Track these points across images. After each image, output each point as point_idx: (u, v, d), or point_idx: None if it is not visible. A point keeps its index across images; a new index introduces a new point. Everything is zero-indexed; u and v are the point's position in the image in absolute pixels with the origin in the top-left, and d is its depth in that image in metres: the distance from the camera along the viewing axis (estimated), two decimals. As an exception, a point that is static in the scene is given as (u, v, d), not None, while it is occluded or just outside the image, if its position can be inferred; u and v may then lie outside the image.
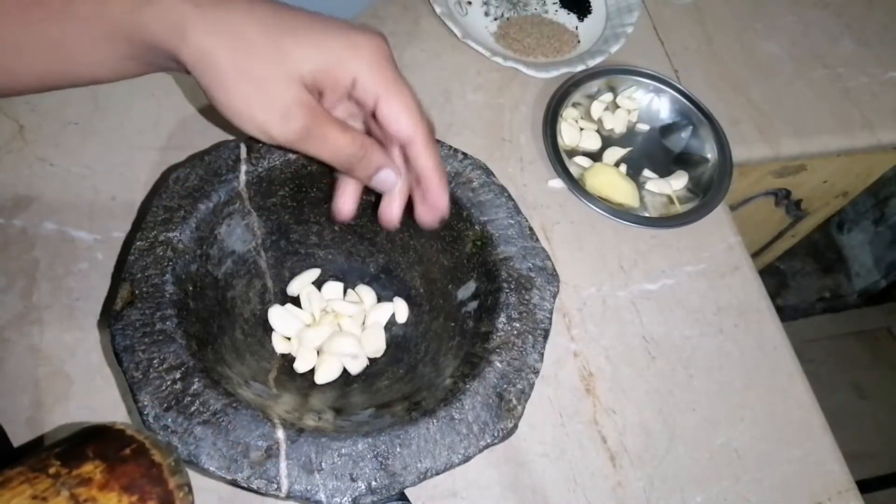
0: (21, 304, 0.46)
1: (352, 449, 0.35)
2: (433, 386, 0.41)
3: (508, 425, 0.37)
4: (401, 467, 0.35)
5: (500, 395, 0.38)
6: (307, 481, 0.34)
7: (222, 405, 0.35)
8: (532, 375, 0.39)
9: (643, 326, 0.54)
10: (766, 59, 0.73)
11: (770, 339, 0.56)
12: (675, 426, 0.51)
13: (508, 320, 0.41)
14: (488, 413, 0.37)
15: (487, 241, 0.43)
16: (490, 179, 0.45)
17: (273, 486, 0.33)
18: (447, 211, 0.39)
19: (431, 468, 0.35)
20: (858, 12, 0.79)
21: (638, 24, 0.68)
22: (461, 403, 0.37)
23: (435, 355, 0.44)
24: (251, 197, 0.43)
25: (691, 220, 0.59)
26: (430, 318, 0.47)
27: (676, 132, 0.65)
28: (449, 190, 0.39)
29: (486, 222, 0.44)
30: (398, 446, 0.35)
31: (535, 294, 0.42)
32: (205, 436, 0.34)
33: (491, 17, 0.69)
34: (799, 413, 0.53)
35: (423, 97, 0.62)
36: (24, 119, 0.54)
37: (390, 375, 0.45)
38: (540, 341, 0.40)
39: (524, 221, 0.44)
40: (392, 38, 0.66)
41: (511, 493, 0.46)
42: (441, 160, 0.38)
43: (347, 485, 0.34)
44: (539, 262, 0.43)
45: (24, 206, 0.50)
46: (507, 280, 0.42)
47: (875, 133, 0.70)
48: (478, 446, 0.36)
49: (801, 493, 0.50)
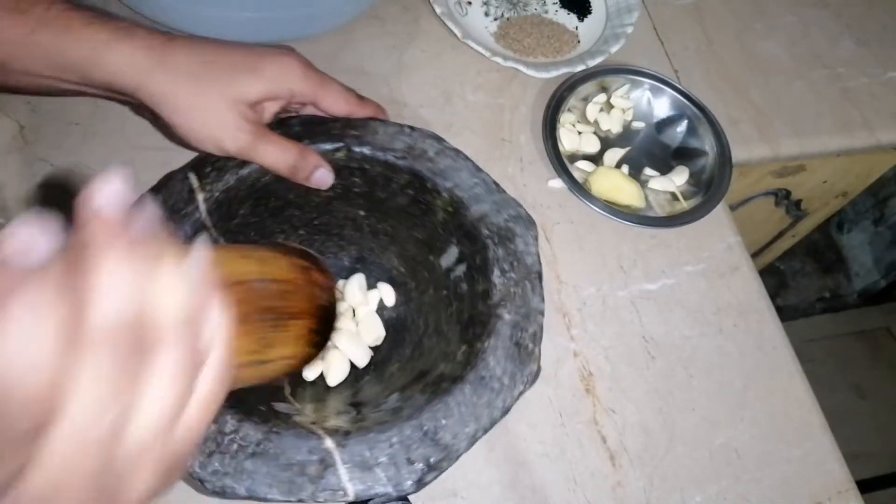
0: (21, 304, 0.46)
1: (401, 435, 0.35)
2: (448, 354, 0.42)
3: (533, 368, 0.39)
4: (451, 437, 0.36)
5: (517, 344, 0.39)
6: (369, 478, 0.34)
7: (263, 433, 0.35)
8: (540, 317, 0.40)
9: (643, 326, 0.54)
10: (765, 59, 0.73)
11: (770, 339, 0.56)
12: (675, 426, 0.51)
13: (503, 273, 0.42)
14: (513, 363, 0.39)
15: (458, 205, 0.44)
16: (443, 146, 0.46)
17: (339, 493, 0.34)
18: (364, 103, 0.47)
19: (479, 429, 0.36)
20: (858, 12, 0.79)
21: (638, 24, 0.68)
22: (486, 362, 0.38)
23: (437, 326, 0.45)
24: (215, 224, 0.43)
25: (691, 220, 0.59)
26: (420, 293, 0.48)
27: (672, 127, 0.65)
28: (375, 110, 0.46)
29: (452, 187, 0.44)
30: (442, 419, 0.36)
31: (518, 242, 0.43)
32: (256, 468, 0.33)
33: (491, 18, 0.69)
34: (798, 413, 0.53)
35: (423, 97, 0.62)
36: (24, 119, 0.54)
37: (398, 358, 0.46)
38: (537, 284, 0.41)
39: (487, 177, 0.45)
40: (392, 38, 0.67)
41: (511, 492, 0.46)
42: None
43: (408, 469, 0.35)
44: (513, 212, 0.44)
45: (24, 206, 0.50)
46: (488, 236, 0.43)
47: (875, 133, 0.70)
48: (513, 396, 0.38)
49: (801, 493, 0.50)
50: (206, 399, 0.19)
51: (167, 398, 0.17)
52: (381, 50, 0.63)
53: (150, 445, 0.18)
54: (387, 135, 0.45)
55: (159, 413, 0.17)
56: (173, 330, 0.17)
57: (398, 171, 0.45)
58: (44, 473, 0.15)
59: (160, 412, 0.17)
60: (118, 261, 0.16)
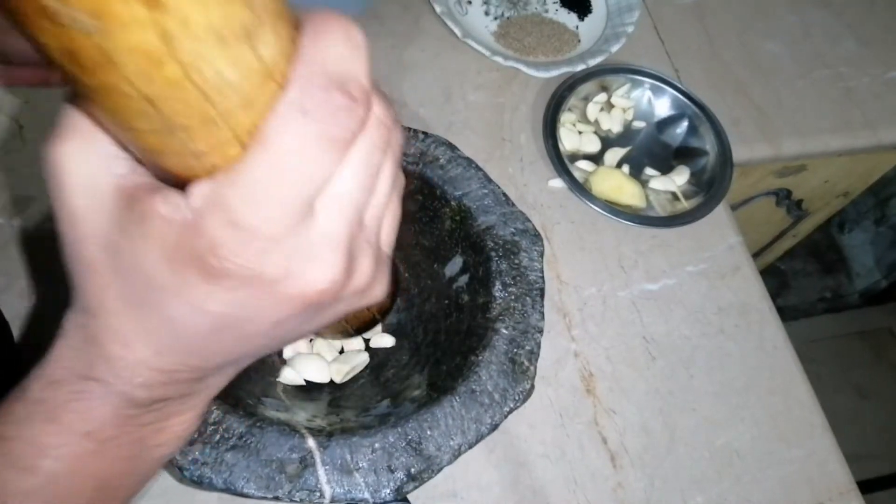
0: (21, 304, 0.46)
1: (384, 441, 0.35)
2: (442, 365, 0.41)
3: (526, 387, 0.38)
4: (434, 449, 0.35)
5: (512, 360, 0.39)
6: (348, 482, 0.34)
7: (246, 427, 0.34)
8: (538, 335, 0.40)
9: (644, 326, 0.54)
10: (767, 59, 0.73)
11: (771, 339, 0.55)
12: (676, 426, 0.50)
13: (504, 287, 0.41)
14: (505, 379, 0.38)
15: (466, 215, 0.44)
16: (455, 154, 0.45)
17: (315, 494, 0.33)
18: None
19: (464, 443, 0.36)
20: (860, 12, 0.79)
21: (638, 23, 0.68)
22: (478, 375, 0.38)
23: (435, 335, 0.45)
24: None
25: (692, 220, 0.58)
26: (422, 301, 0.47)
27: (672, 126, 0.65)
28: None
29: (462, 196, 0.44)
30: (427, 429, 0.36)
31: (523, 257, 0.42)
32: (236, 461, 0.33)
33: (491, 17, 0.69)
34: (800, 413, 0.53)
35: (423, 97, 0.62)
36: (24, 119, 0.54)
37: (395, 363, 0.46)
38: (538, 301, 0.41)
39: (497, 189, 0.45)
40: (392, 37, 0.66)
41: (511, 493, 0.46)
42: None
43: (388, 477, 0.34)
44: (520, 226, 0.44)
45: (24, 206, 0.50)
46: (493, 248, 0.42)
47: (876, 133, 0.70)
48: (502, 413, 0.37)
49: (802, 493, 0.50)
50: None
51: (390, 183, 0.21)
52: (381, 49, 0.63)
53: (380, 217, 0.22)
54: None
55: (386, 193, 0.21)
56: (395, 127, 0.20)
57: (408, 176, 0.44)
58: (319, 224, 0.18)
59: (386, 194, 0.21)
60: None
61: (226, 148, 0.17)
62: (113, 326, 0.20)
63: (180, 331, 0.20)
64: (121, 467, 0.23)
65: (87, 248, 0.19)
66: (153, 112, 0.16)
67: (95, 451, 0.21)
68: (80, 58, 0.15)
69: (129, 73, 0.15)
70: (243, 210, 0.17)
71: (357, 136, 0.18)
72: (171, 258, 0.18)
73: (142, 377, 0.21)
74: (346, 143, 0.18)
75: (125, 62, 0.15)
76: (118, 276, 0.19)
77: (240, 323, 0.19)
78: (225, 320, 0.19)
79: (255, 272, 0.18)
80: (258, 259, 0.17)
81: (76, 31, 0.14)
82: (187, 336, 0.20)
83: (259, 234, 0.17)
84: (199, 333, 0.20)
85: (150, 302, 0.19)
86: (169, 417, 0.23)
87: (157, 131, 0.17)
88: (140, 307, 0.19)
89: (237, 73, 0.16)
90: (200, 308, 0.19)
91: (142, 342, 0.20)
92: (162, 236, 0.18)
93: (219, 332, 0.20)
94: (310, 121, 0.17)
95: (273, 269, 0.18)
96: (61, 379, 0.21)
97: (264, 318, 0.19)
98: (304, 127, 0.17)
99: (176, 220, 0.17)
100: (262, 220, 0.17)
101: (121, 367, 0.20)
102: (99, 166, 0.19)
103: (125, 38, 0.14)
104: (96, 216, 0.19)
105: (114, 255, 0.19)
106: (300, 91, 0.17)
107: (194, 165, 0.18)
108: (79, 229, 0.19)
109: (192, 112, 0.16)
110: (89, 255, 0.19)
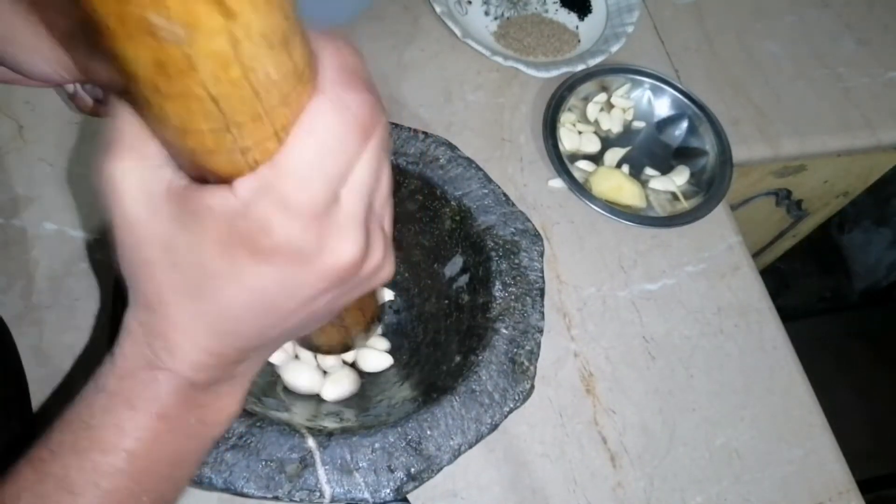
0: (21, 304, 0.46)
1: (384, 441, 0.35)
2: (442, 365, 0.41)
3: (526, 387, 0.38)
4: (434, 449, 0.35)
5: (512, 360, 0.39)
6: (348, 482, 0.34)
7: (246, 426, 0.34)
8: (538, 335, 0.40)
9: (643, 326, 0.54)
10: (766, 59, 0.73)
11: (770, 339, 0.56)
12: (676, 426, 0.50)
13: (504, 287, 0.41)
14: (505, 379, 0.38)
15: (466, 215, 0.44)
16: (456, 154, 0.45)
17: (315, 494, 0.33)
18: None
19: (463, 443, 0.36)
20: (859, 12, 0.79)
21: (638, 23, 0.68)
22: (478, 375, 0.38)
23: (435, 335, 0.45)
24: None
25: (692, 220, 0.59)
26: (422, 300, 0.47)
27: (672, 126, 0.65)
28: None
29: (462, 196, 0.44)
30: (427, 429, 0.36)
31: (523, 257, 0.42)
32: (236, 460, 0.33)
33: (491, 17, 0.69)
34: (799, 413, 0.53)
35: (422, 97, 0.62)
36: (24, 119, 0.54)
37: (395, 363, 0.46)
38: (538, 301, 0.41)
39: (497, 189, 0.45)
40: (392, 38, 0.66)
41: (511, 493, 0.46)
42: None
43: (387, 477, 0.34)
44: (520, 226, 0.44)
45: (24, 206, 0.50)
46: (493, 248, 0.43)
47: (875, 133, 0.70)
48: (502, 412, 0.37)
49: (802, 493, 0.50)
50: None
51: (389, 174, 0.24)
52: (381, 50, 0.63)
53: (385, 205, 0.24)
54: (400, 139, 0.45)
55: (388, 183, 0.24)
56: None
57: (408, 176, 0.44)
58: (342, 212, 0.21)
59: (388, 184, 0.24)
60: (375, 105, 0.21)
61: (267, 143, 0.19)
62: (172, 317, 0.23)
63: (231, 313, 0.22)
64: (187, 445, 0.26)
65: (145, 250, 0.22)
66: (216, 111, 0.18)
67: (168, 430, 0.25)
68: (167, 66, 0.17)
69: (205, 76, 0.17)
70: (291, 190, 0.19)
71: (377, 127, 0.21)
72: (225, 244, 0.20)
73: (200, 361, 0.24)
74: (370, 134, 0.20)
75: (203, 67, 0.17)
76: (175, 270, 0.22)
77: (281, 300, 0.22)
78: (270, 298, 0.22)
79: (299, 246, 0.20)
80: (302, 235, 0.20)
81: (170, 41, 0.16)
82: (237, 318, 0.22)
83: (304, 212, 0.20)
84: (247, 314, 0.22)
85: (205, 289, 0.22)
86: (220, 398, 0.26)
87: (215, 130, 0.19)
88: (196, 296, 0.22)
89: (279, 74, 0.18)
90: (251, 287, 0.21)
91: (198, 328, 0.23)
92: (215, 226, 0.20)
93: (265, 312, 0.22)
94: (350, 113, 0.20)
95: (313, 244, 0.20)
96: (132, 371, 0.24)
97: (301, 294, 0.22)
98: (345, 117, 0.20)
99: (228, 209, 0.20)
100: (307, 199, 0.19)
101: (181, 354, 0.23)
102: (151, 175, 0.21)
103: (206, 45, 0.16)
104: (153, 219, 0.21)
105: (170, 252, 0.21)
106: (340, 88, 0.20)
107: (239, 161, 0.20)
108: (137, 233, 0.22)
109: (246, 109, 0.18)
110: (148, 256, 0.22)
